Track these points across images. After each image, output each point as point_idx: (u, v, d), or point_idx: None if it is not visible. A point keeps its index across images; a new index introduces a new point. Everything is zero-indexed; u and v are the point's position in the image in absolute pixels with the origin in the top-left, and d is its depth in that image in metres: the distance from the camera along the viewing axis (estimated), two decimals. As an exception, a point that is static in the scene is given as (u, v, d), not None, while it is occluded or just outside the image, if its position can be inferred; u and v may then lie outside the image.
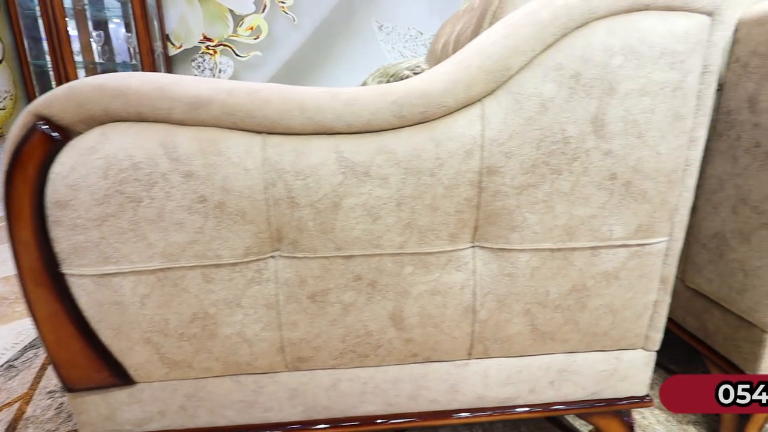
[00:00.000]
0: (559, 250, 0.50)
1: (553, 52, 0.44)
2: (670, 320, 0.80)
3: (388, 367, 0.55)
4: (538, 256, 0.50)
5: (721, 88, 0.67)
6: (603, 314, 0.54)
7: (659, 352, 0.96)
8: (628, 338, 0.56)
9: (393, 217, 0.47)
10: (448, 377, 0.56)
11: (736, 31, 0.64)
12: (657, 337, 0.57)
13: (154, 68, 2.50)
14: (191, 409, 0.54)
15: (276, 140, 0.45)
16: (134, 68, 2.61)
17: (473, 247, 0.50)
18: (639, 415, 0.77)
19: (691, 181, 0.50)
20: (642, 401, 0.60)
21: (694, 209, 0.73)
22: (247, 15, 2.69)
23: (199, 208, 0.45)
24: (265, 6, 2.66)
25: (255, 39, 2.72)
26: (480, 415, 0.57)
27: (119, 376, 0.52)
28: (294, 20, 2.70)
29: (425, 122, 0.46)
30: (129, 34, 2.57)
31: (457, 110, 0.46)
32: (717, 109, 0.68)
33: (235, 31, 2.72)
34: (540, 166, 0.47)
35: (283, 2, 2.66)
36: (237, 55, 2.73)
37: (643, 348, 0.57)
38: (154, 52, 2.52)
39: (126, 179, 0.44)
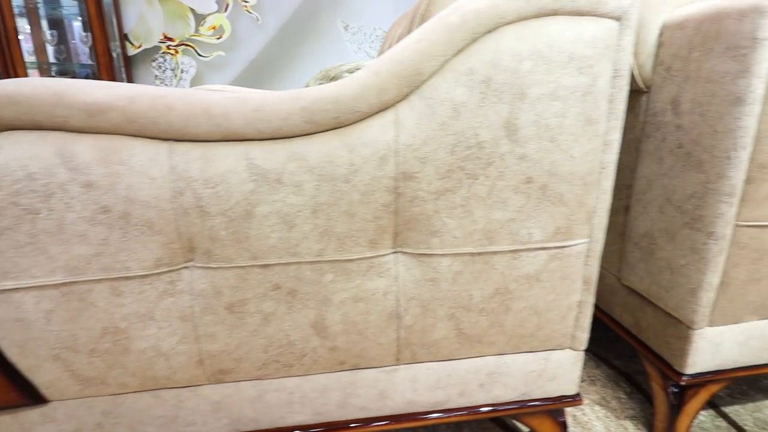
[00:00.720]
0: (479, 254, 0.50)
1: (464, 57, 0.44)
2: (610, 317, 0.82)
3: (315, 376, 0.54)
4: (459, 261, 0.50)
5: (649, 90, 0.68)
6: (528, 316, 0.54)
7: (604, 349, 0.98)
8: (555, 339, 0.57)
9: (309, 224, 0.46)
10: (377, 384, 0.55)
11: (661, 34, 0.65)
12: (583, 337, 0.58)
13: (111, 69, 2.43)
14: (109, 426, 0.52)
15: (183, 148, 0.44)
16: (92, 69, 2.53)
17: (395, 252, 0.50)
18: (579, 412, 0.78)
19: (608, 183, 0.51)
20: (572, 400, 0.61)
21: (628, 209, 0.75)
22: (209, 14, 2.63)
23: (102, 219, 0.43)
24: (228, 5, 2.61)
25: (218, 39, 2.66)
26: (410, 420, 0.57)
27: (30, 395, 0.49)
28: (258, 20, 2.65)
29: (338, 128, 0.45)
30: (85, 34, 2.49)
31: (371, 116, 0.45)
32: (645, 111, 0.69)
33: (197, 30, 2.66)
34: (456, 171, 0.47)
35: (246, 1, 2.62)
36: (200, 55, 2.67)
37: (570, 348, 0.58)
38: (111, 52, 2.44)
39: (21, 190, 0.42)
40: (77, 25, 2.62)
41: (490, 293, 0.52)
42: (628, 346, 0.99)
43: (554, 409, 0.61)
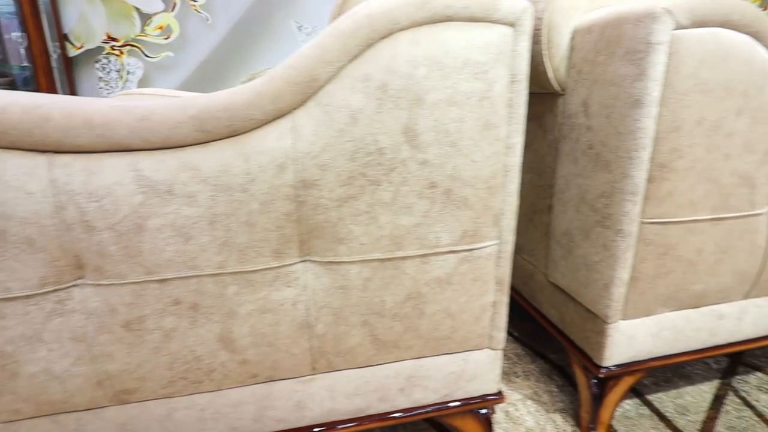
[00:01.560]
0: (388, 259, 0.50)
1: (359, 63, 0.44)
2: (540, 313, 0.84)
3: (227, 391, 0.52)
4: (368, 267, 0.50)
5: (564, 93, 0.70)
6: (442, 319, 0.54)
7: (541, 343, 1.01)
8: (472, 340, 0.57)
9: (207, 236, 0.45)
10: (293, 395, 0.54)
11: (573, 39, 0.67)
12: (500, 336, 0.59)
13: (49, 70, 2.30)
14: (2, 457, 0.49)
15: (64, 160, 0.41)
16: (29, 71, 2.39)
17: (303, 261, 0.49)
18: (512, 407, 0.80)
19: (513, 186, 0.52)
20: (494, 398, 0.62)
21: (551, 208, 0.77)
22: (155, 14, 2.54)
23: (-27, 237, 0.40)
24: (175, 4, 2.53)
25: (165, 39, 2.57)
26: (330, 429, 0.56)
27: None
28: (208, 19, 2.58)
29: (233, 136, 0.44)
30: (20, 34, 2.34)
31: (267, 123, 0.44)
32: (562, 113, 0.71)
33: (142, 30, 2.56)
34: (358, 178, 0.46)
35: (194, 1, 2.54)
36: (146, 56, 2.58)
37: (488, 348, 0.59)
38: (49, 54, 2.31)
39: None
40: (13, 24, 2.47)
41: (402, 298, 0.52)
42: (564, 339, 1.02)
43: (476, 408, 0.62)
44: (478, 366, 0.59)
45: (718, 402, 0.82)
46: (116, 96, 0.98)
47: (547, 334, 1.04)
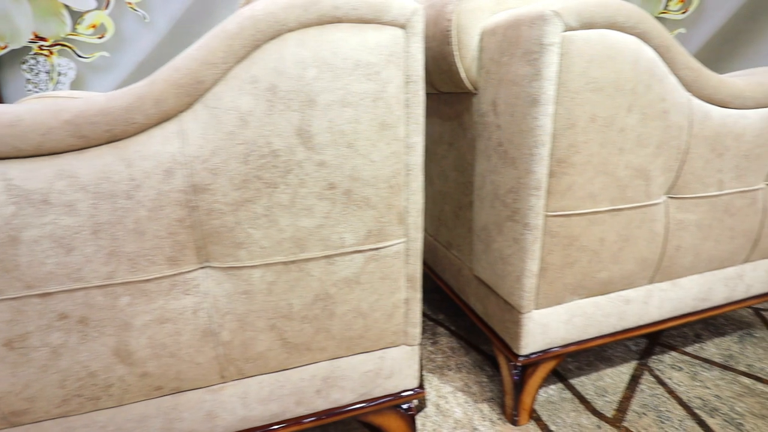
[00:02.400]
0: (292, 262, 0.50)
1: (247, 65, 0.43)
2: (468, 307, 0.86)
3: (130, 406, 0.50)
4: (271, 271, 0.49)
5: (477, 92, 0.72)
6: (353, 319, 0.55)
7: (475, 335, 1.04)
8: (387, 337, 0.58)
9: (91, 246, 0.43)
10: (203, 404, 0.53)
11: (481, 40, 0.69)
12: (415, 332, 0.60)
13: (-33, 71, 2.13)
14: None
15: None
16: (-56, 71, 2.20)
17: (203, 268, 0.48)
18: (443, 400, 0.82)
19: (416, 184, 0.53)
20: (414, 393, 0.63)
21: (471, 204, 0.79)
22: (87, 12, 2.41)
23: None
24: (108, 2, 2.41)
25: (99, 38, 2.44)
26: (247, 437, 0.55)
27: None
28: (145, 18, 2.47)
29: (113, 141, 0.42)
30: (-68, 31, 2.15)
31: (151, 127, 0.43)
32: (476, 111, 0.73)
33: (74, 29, 2.42)
34: (253, 181, 0.46)
35: (129, -2, 2.43)
36: (79, 56, 2.44)
37: (404, 344, 0.60)
38: (-33, 53, 2.14)
39: None
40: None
41: (310, 300, 0.52)
42: (498, 331, 1.05)
43: (397, 404, 0.63)
44: (395, 363, 0.60)
45: (634, 382, 0.87)
46: (25, 100, 0.93)
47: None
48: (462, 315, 1.13)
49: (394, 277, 0.55)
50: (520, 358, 0.71)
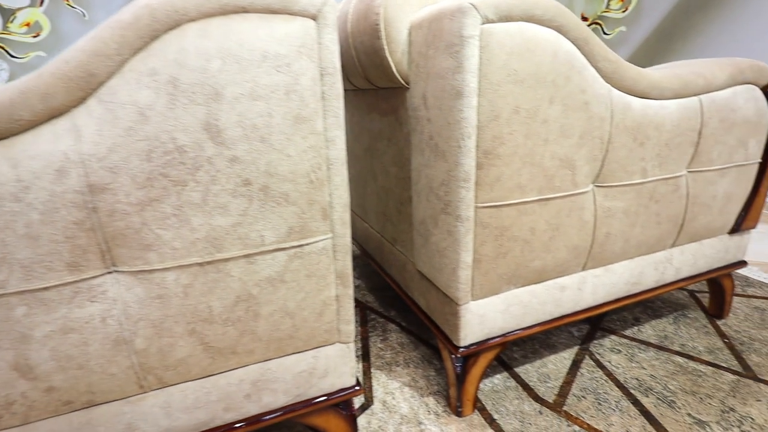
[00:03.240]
0: (209, 263, 0.48)
1: (144, 57, 0.41)
2: (413, 301, 0.86)
3: (38, 423, 0.47)
4: (186, 273, 0.47)
5: (410, 86, 0.72)
6: (280, 319, 0.53)
7: (424, 331, 1.04)
8: (319, 336, 0.57)
9: (-24, 254, 0.40)
10: (121, 417, 0.50)
11: (410, 34, 0.69)
12: (349, 329, 0.59)
13: None
14: None
15: None
16: None
17: (110, 273, 0.45)
18: (389, 396, 0.81)
19: (340, 179, 0.52)
20: (352, 391, 0.62)
21: (410, 199, 0.79)
22: (19, 9, 2.26)
23: None
24: (42, -1, 2.27)
25: (34, 37, 2.30)
26: (172, 448, 0.53)
27: None
28: (84, 15, 2.35)
29: (-4, 140, 0.39)
30: None
31: (39, 124, 0.40)
32: (409, 106, 0.73)
33: (5, 27, 2.27)
34: (158, 179, 0.43)
35: (66, -5, 2.30)
36: (12, 56, 2.29)
37: (339, 342, 0.59)
38: None
39: None
40: None
41: (231, 302, 0.50)
42: (447, 324, 1.06)
43: (334, 404, 0.62)
44: (330, 361, 0.59)
45: (575, 367, 0.89)
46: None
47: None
48: (413, 311, 1.14)
49: (322, 274, 0.54)
50: (461, 350, 0.71)
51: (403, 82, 0.72)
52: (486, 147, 0.61)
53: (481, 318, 0.70)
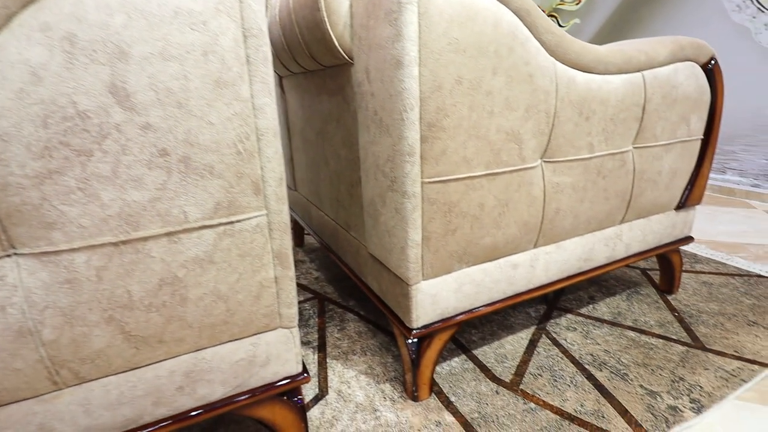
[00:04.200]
0: (124, 242, 0.43)
1: (35, 10, 0.36)
2: (367, 287, 0.84)
3: (-72, 430, 0.42)
4: (99, 254, 0.43)
5: (353, 62, 0.70)
6: (212, 303, 0.50)
7: (383, 317, 1.02)
8: (257, 321, 0.54)
9: None
10: (32, 418, 0.45)
11: (351, 6, 0.66)
12: (291, 313, 0.56)
13: None
14: None
15: None
16: None
17: (9, 256, 0.40)
18: (345, 386, 0.78)
19: (272, 151, 0.49)
20: (297, 379, 0.59)
21: (360, 180, 0.77)
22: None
23: None
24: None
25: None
26: (94, 450, 0.48)
27: None
28: None
29: None
30: None
31: None
32: (354, 82, 0.71)
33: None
34: (58, 148, 0.39)
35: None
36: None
37: (280, 327, 0.56)
38: None
39: None
40: None
41: (154, 286, 0.46)
42: (407, 311, 1.04)
43: (279, 394, 0.58)
44: (271, 348, 0.56)
45: (532, 346, 0.89)
46: None
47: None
48: (371, 299, 1.11)
49: (257, 254, 0.51)
50: (414, 331, 0.69)
51: (346, 57, 0.69)
52: (430, 119, 0.59)
53: (434, 298, 0.69)
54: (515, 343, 0.90)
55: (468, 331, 0.95)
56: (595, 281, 1.17)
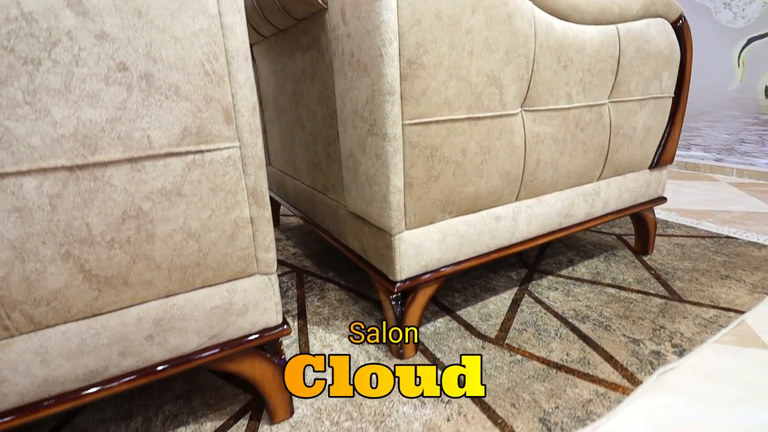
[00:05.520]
0: (80, 167, 0.39)
1: None
2: (348, 248, 0.81)
3: None
4: (52, 179, 0.39)
5: (327, 6, 0.67)
6: (182, 241, 0.46)
7: (364, 285, 1.00)
8: (233, 264, 0.50)
9: None
10: (-21, 369, 0.41)
11: (324, -55, 0.64)
12: (269, 258, 0.53)
13: None
14: None
15: None
16: None
17: (-55, 179, 0.36)
18: (327, 349, 0.76)
19: (243, 76, 0.45)
20: (278, 331, 0.56)
21: (338, 136, 0.74)
22: None
23: None
24: None
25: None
26: (52, 407, 0.44)
27: None
28: None
29: None
30: None
31: None
32: (330, 28, 0.68)
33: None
34: (0, 54, 0.35)
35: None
36: None
37: (259, 273, 0.53)
38: None
39: None
40: None
41: (116, 219, 0.42)
42: (388, 279, 1.02)
43: (258, 345, 0.55)
44: (249, 295, 0.53)
45: (515, 305, 0.89)
46: None
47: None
48: (353, 271, 1.09)
49: (230, 190, 0.47)
50: (398, 284, 0.67)
51: (321, 2, 0.66)
52: (409, 56, 0.57)
53: (417, 249, 0.67)
54: (498, 303, 0.89)
55: (451, 295, 0.94)
56: (573, 246, 1.18)
